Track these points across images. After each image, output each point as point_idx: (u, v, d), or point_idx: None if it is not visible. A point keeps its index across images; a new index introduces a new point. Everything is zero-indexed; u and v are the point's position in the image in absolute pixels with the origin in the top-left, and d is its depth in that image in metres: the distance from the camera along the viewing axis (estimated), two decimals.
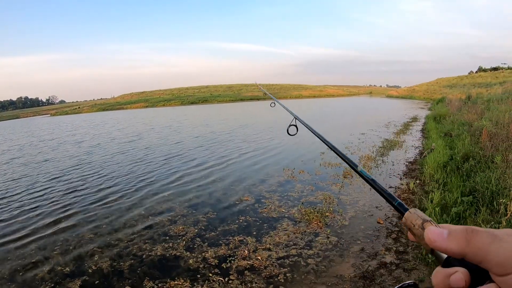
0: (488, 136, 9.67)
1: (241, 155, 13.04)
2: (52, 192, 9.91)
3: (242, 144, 16.30)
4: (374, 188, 0.85)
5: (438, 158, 9.01)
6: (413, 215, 0.61)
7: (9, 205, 8.89)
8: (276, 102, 3.74)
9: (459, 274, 0.50)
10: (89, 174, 11.79)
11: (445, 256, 0.53)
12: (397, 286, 0.58)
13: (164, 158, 13.79)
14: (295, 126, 2.23)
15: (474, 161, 8.27)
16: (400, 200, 0.72)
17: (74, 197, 9.20)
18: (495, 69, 77.96)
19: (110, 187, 9.88)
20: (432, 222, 0.57)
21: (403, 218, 0.63)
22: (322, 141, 1.54)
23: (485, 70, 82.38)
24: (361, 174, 0.94)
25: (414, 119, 23.61)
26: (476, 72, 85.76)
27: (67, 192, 9.79)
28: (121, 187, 9.84)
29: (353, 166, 1.03)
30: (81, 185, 10.40)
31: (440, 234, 0.51)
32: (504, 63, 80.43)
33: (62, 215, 7.82)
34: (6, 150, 21.23)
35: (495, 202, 5.68)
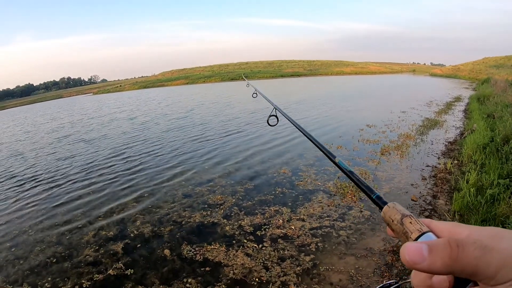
0: None
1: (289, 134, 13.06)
2: (100, 162, 10.58)
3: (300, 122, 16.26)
4: (351, 180, 0.85)
5: (478, 139, 8.80)
6: (392, 210, 0.59)
7: (61, 176, 9.57)
8: (257, 93, 3.78)
9: None
10: (142, 149, 12.28)
11: None
12: (379, 286, 0.58)
13: (219, 134, 14.04)
14: (275, 116, 2.22)
15: None
16: (378, 193, 0.69)
17: (118, 166, 9.80)
18: None
19: (161, 160, 10.39)
20: (411, 217, 0.54)
21: (382, 213, 0.61)
22: (301, 131, 1.49)
23: None
24: (338, 166, 0.95)
25: (457, 98, 22.79)
26: None
27: (111, 160, 10.45)
28: (167, 158, 10.37)
29: (331, 157, 1.03)
30: (126, 154, 11.12)
31: (418, 254, 0.45)
32: None
33: (105, 183, 8.38)
34: (59, 127, 21.81)
35: None
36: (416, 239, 0.50)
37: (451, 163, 7.94)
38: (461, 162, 8.06)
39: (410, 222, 0.53)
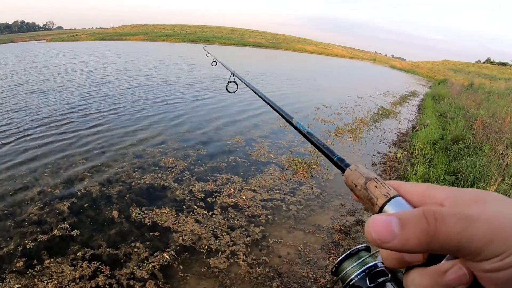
0: (481, 125, 9.88)
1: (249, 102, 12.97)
2: (52, 115, 9.95)
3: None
4: (310, 142, 0.78)
5: (429, 135, 9.18)
6: (354, 173, 0.52)
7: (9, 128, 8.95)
8: (216, 61, 3.72)
9: None
10: (98, 105, 11.58)
11: None
12: (350, 250, 0.52)
13: (177, 97, 13.59)
14: (235, 82, 2.16)
15: (463, 145, 8.50)
16: (339, 155, 0.64)
17: (71, 121, 9.28)
18: (503, 64, 76.72)
19: (114, 117, 9.92)
20: (377, 180, 0.48)
21: (344, 177, 0.55)
22: (259, 95, 1.45)
23: (492, 63, 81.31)
24: (296, 127, 0.90)
25: (413, 93, 23.56)
26: (484, 62, 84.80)
27: (65, 114, 9.91)
28: (120, 116, 10.00)
29: (288, 118, 0.98)
30: (81, 108, 10.61)
31: (387, 230, 0.36)
32: None
33: (54, 138, 7.89)
34: (11, 74, 19.44)
35: (475, 186, 5.86)
36: (383, 206, 0.44)
37: (401, 153, 8.20)
38: (411, 154, 8.36)
39: (376, 186, 0.46)
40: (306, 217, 5.09)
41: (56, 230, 4.43)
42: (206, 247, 4.18)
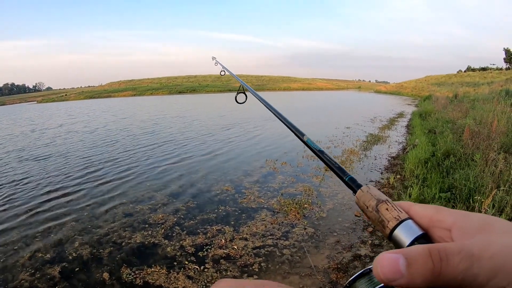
0: (470, 134, 9.82)
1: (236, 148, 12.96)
2: (39, 177, 9.88)
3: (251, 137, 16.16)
4: (322, 160, 0.77)
5: (420, 154, 9.10)
6: (366, 195, 0.53)
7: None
8: (225, 70, 3.74)
9: None
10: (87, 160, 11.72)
11: (407, 242, 0.45)
12: (362, 270, 0.50)
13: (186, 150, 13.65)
14: (244, 93, 2.19)
15: (454, 158, 8.40)
16: (351, 175, 0.63)
17: (60, 182, 9.22)
18: (483, 69, 78.45)
19: (106, 174, 9.88)
20: (388, 203, 0.49)
21: (355, 198, 0.55)
22: (268, 109, 1.43)
23: (473, 70, 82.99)
24: (307, 144, 0.88)
25: (400, 115, 23.78)
26: (465, 71, 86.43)
27: (52, 175, 9.83)
28: (109, 173, 9.94)
29: (299, 135, 0.96)
30: (75, 176, 10.33)
31: (394, 269, 0.37)
32: (493, 64, 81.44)
33: (43, 201, 7.83)
34: (9, 139, 19.24)
35: (471, 199, 5.78)
36: (394, 228, 0.46)
37: (394, 178, 8.14)
38: (404, 177, 8.30)
39: (387, 209, 0.48)
40: (300, 259, 4.97)
41: None
42: None
